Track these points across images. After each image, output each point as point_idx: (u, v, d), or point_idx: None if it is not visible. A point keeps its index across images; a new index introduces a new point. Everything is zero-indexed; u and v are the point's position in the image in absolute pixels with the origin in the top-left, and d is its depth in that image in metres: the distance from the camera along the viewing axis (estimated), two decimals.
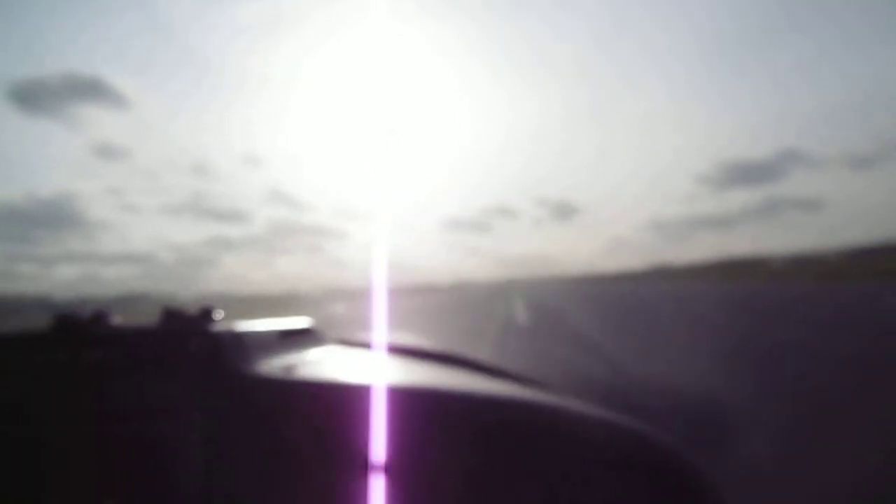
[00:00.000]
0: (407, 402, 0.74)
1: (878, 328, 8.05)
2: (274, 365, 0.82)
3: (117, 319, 0.85)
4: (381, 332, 1.15)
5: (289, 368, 0.81)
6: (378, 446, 0.70)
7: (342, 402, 0.74)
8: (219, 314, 0.86)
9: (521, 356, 7.12)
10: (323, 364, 0.90)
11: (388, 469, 0.69)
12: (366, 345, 1.19)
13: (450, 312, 18.89)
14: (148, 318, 0.86)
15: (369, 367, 0.98)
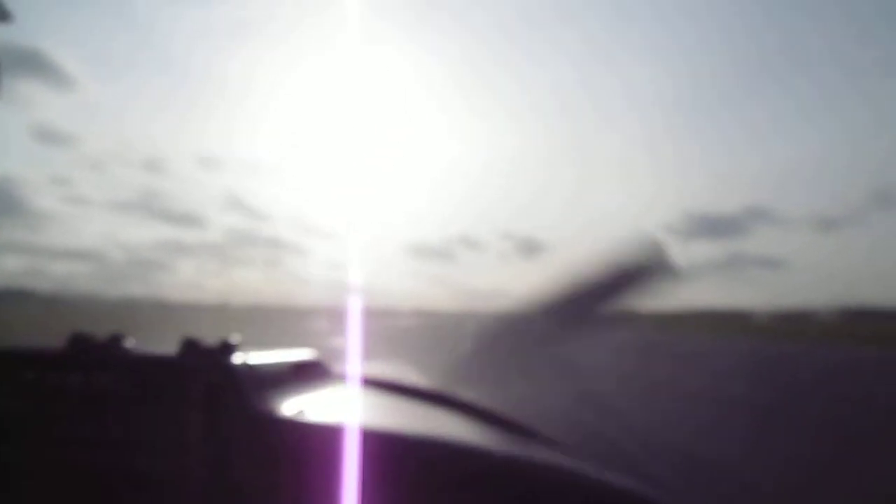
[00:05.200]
0: (417, 452, 0.74)
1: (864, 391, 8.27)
2: (287, 404, 0.81)
3: (133, 344, 0.83)
4: (381, 367, 1.14)
5: (302, 409, 0.80)
6: (383, 496, 0.69)
7: (353, 447, 0.73)
8: (238, 347, 0.85)
9: (486, 389, 7.05)
10: (334, 405, 0.90)
11: None
12: (372, 382, 1.18)
13: (415, 339, 18.73)
14: (162, 346, 0.85)
15: (379, 410, 0.97)
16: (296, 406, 0.81)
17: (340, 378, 1.15)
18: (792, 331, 36.92)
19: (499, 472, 0.75)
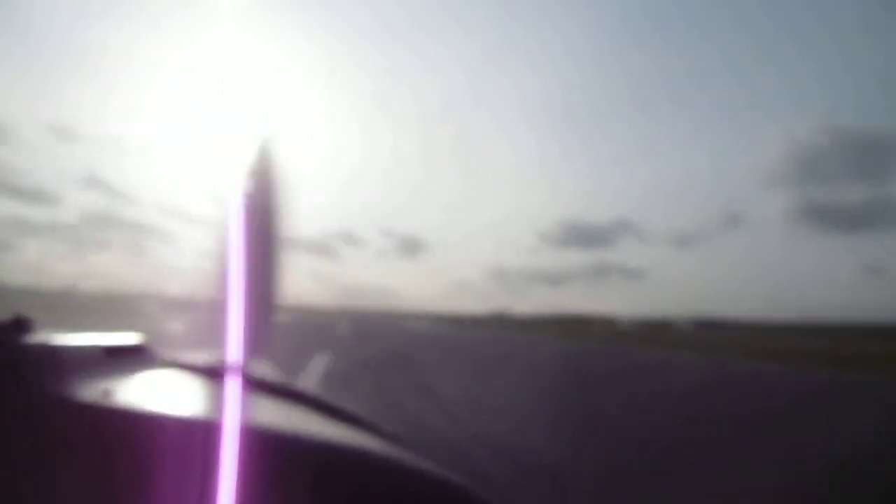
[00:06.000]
0: (235, 439, 0.71)
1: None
2: (93, 387, 0.74)
3: None
4: (217, 354, 1.07)
5: (108, 393, 0.74)
6: (201, 487, 0.66)
7: (162, 434, 0.69)
8: (32, 325, 0.76)
9: (347, 386, 6.95)
10: (146, 389, 0.83)
11: None
12: (200, 368, 1.11)
13: (283, 334, 18.09)
14: None
15: (199, 395, 0.92)
16: (100, 390, 0.75)
17: (167, 364, 1.08)
18: (653, 338, 39.47)
19: (316, 459, 0.74)
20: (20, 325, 0.74)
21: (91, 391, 0.73)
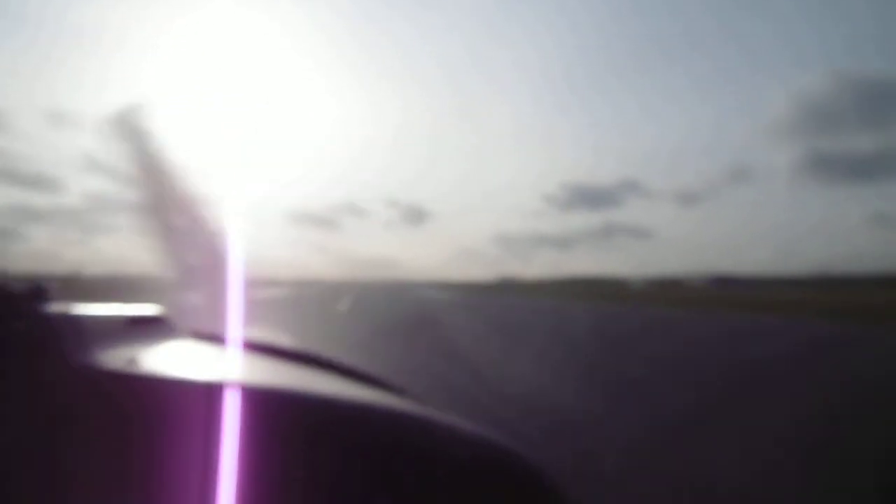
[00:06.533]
0: (259, 402, 0.71)
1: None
2: (115, 356, 0.74)
3: None
4: (234, 326, 1.08)
5: (132, 360, 0.74)
6: (227, 449, 0.66)
7: (189, 399, 0.69)
8: (50, 293, 0.76)
9: (361, 357, 6.98)
10: (171, 358, 0.84)
11: (236, 472, 0.66)
12: (219, 339, 1.11)
13: (288, 307, 18.21)
14: None
15: (221, 363, 0.92)
16: (124, 358, 0.75)
17: (186, 334, 1.08)
18: (667, 297, 38.19)
19: (340, 420, 0.74)
20: (38, 292, 0.74)
21: (115, 359, 0.73)
